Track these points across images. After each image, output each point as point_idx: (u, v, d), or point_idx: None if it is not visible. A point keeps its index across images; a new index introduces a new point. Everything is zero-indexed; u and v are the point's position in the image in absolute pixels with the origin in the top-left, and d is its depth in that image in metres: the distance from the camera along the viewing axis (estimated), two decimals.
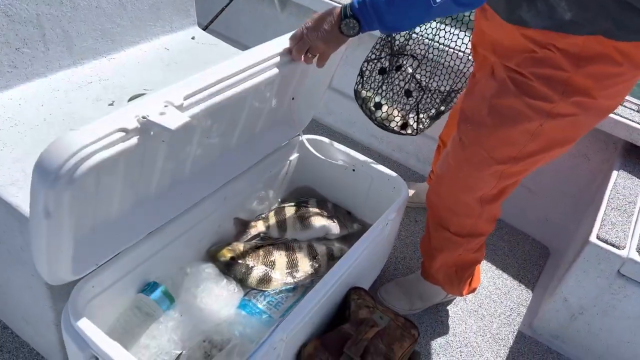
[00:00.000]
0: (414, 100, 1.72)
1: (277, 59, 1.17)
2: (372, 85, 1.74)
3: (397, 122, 1.72)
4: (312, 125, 2.49)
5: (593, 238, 1.44)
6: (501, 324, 1.74)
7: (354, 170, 1.66)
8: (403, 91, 1.73)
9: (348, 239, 1.64)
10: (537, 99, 1.17)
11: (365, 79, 1.73)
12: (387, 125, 1.74)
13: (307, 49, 1.16)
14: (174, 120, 0.92)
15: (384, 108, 1.72)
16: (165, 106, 0.94)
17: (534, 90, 1.16)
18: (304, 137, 1.68)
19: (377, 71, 1.73)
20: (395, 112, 1.72)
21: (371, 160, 1.64)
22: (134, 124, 0.89)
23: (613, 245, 1.43)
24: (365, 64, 1.73)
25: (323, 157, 1.68)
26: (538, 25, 1.10)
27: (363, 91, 1.73)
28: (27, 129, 1.22)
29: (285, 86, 1.39)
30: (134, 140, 0.90)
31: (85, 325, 1.02)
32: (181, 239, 1.34)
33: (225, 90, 1.07)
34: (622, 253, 1.42)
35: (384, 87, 1.74)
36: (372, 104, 1.73)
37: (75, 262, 1.04)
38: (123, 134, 0.88)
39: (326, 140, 1.69)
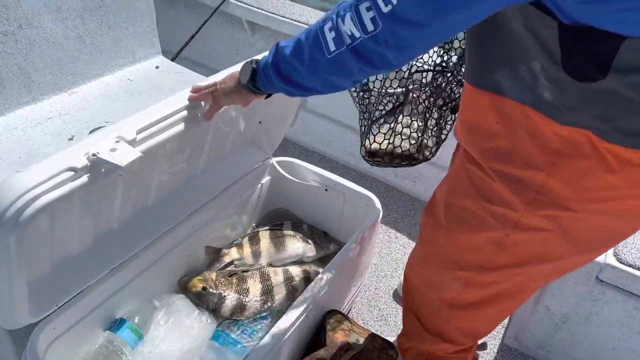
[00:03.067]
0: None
1: None
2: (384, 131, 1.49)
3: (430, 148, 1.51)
4: (289, 146, 2.48)
5: None
6: (486, 337, 1.71)
7: (326, 190, 1.65)
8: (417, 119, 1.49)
9: (325, 261, 1.61)
10: (499, 205, 0.94)
11: (372, 130, 1.48)
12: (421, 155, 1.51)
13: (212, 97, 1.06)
14: (125, 156, 0.90)
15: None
16: (117, 142, 0.93)
17: (496, 194, 0.93)
18: (274, 160, 1.67)
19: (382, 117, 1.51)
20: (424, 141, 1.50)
21: (343, 180, 1.62)
22: (84, 162, 0.88)
23: None
24: (363, 121, 1.53)
25: (295, 179, 1.66)
26: (515, 96, 0.85)
27: (375, 143, 1.47)
28: None
29: (250, 110, 1.38)
30: (84, 178, 0.89)
31: None
32: (149, 271, 1.31)
33: (183, 120, 1.05)
34: (600, 259, 1.40)
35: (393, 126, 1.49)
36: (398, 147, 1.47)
37: (33, 304, 1.01)
38: (72, 172, 0.87)
39: (297, 161, 1.67)
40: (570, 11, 0.72)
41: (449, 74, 1.45)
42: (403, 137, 1.45)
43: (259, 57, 0.95)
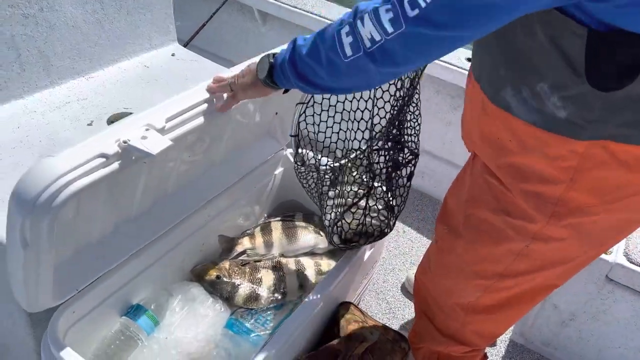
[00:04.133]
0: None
1: None
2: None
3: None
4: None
5: None
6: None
7: None
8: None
9: (336, 253, 1.62)
10: (519, 218, 0.94)
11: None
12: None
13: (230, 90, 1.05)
14: (155, 144, 0.90)
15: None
16: (147, 129, 0.93)
17: (516, 207, 0.93)
18: (288, 151, 1.67)
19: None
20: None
21: None
22: (115, 149, 0.88)
23: None
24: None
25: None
26: (524, 116, 0.84)
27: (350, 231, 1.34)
28: (3, 152, 1.20)
29: (268, 101, 1.38)
30: (115, 165, 0.88)
31: (65, 353, 1.00)
32: (165, 259, 1.32)
33: (208, 110, 1.05)
34: (610, 258, 1.41)
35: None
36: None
37: (55, 289, 1.02)
38: (103, 159, 0.86)
39: (310, 152, 1.67)
40: (605, 16, 0.71)
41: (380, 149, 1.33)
42: (372, 214, 1.36)
43: (277, 50, 0.94)
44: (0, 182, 1.14)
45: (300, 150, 1.17)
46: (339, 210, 1.31)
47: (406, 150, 1.30)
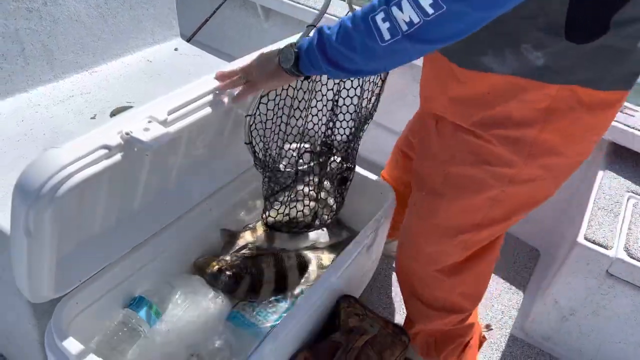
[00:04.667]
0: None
1: None
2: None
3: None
4: None
5: (581, 239, 1.44)
6: (493, 327, 1.73)
7: None
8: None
9: (337, 247, 1.63)
10: (498, 165, 1.05)
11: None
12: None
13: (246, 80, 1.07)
14: (157, 136, 0.91)
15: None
16: (149, 122, 0.93)
17: (495, 156, 1.05)
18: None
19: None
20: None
21: (357, 167, 1.63)
22: (117, 140, 0.88)
23: (601, 246, 1.43)
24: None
25: None
26: (504, 70, 0.96)
27: (270, 218, 1.41)
28: (7, 145, 1.21)
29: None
30: (117, 157, 0.89)
31: (69, 343, 1.00)
32: (167, 252, 1.33)
33: (210, 103, 1.06)
34: (610, 253, 1.42)
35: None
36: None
37: (59, 280, 1.03)
38: (106, 151, 0.87)
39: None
40: None
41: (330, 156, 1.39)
42: (298, 208, 1.41)
43: (292, 40, 0.99)
44: (5, 175, 1.15)
45: (257, 154, 1.24)
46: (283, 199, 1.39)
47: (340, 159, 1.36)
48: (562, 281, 1.54)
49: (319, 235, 1.63)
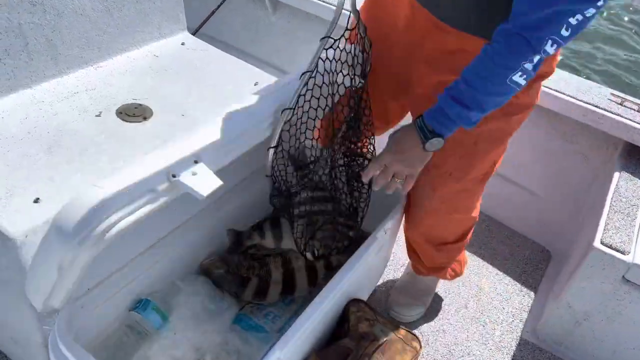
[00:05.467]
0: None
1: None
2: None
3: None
4: None
5: (597, 243, 1.41)
6: (504, 330, 1.70)
7: None
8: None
9: (346, 249, 1.60)
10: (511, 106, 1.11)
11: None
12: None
13: (392, 175, 1.16)
14: (206, 184, 0.89)
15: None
16: (195, 162, 0.91)
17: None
18: None
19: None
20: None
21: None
22: (165, 184, 0.86)
23: (617, 251, 1.39)
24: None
25: None
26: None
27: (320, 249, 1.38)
28: (10, 143, 1.17)
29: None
30: (161, 200, 0.87)
31: (73, 348, 0.98)
32: (173, 253, 1.30)
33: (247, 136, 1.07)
34: (627, 258, 1.38)
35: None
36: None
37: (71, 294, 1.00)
38: (153, 195, 0.85)
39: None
40: None
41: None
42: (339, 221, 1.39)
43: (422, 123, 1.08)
44: (9, 174, 1.12)
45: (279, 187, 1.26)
46: (310, 228, 1.35)
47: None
48: (576, 285, 1.50)
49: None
